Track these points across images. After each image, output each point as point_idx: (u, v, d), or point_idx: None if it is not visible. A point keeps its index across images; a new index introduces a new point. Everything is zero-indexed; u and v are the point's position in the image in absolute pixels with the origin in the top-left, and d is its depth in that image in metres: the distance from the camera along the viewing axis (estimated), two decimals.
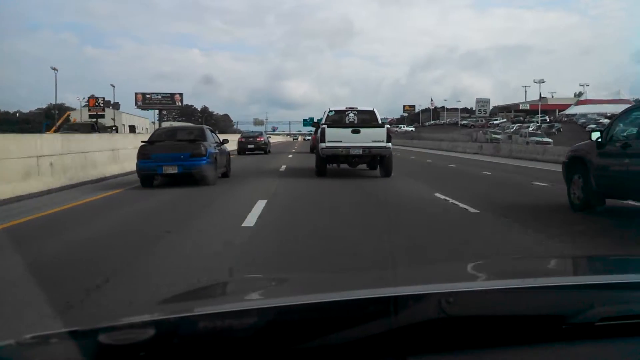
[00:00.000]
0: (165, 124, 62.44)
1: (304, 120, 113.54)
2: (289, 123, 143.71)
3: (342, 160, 13.39)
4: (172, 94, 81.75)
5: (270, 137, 40.97)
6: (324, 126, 13.00)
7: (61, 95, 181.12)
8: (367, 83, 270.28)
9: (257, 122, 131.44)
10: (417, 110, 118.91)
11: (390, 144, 12.73)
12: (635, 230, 6.07)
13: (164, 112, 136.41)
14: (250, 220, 6.26)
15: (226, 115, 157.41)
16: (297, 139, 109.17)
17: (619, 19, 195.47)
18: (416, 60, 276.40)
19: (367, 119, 13.86)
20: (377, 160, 13.35)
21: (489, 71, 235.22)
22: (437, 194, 9.16)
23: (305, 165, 19.15)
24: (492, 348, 0.96)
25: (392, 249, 4.68)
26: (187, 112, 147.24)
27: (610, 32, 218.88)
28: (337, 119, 13.91)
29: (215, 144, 11.83)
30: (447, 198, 8.56)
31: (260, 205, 7.53)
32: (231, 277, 3.85)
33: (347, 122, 13.75)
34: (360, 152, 12.60)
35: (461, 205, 7.75)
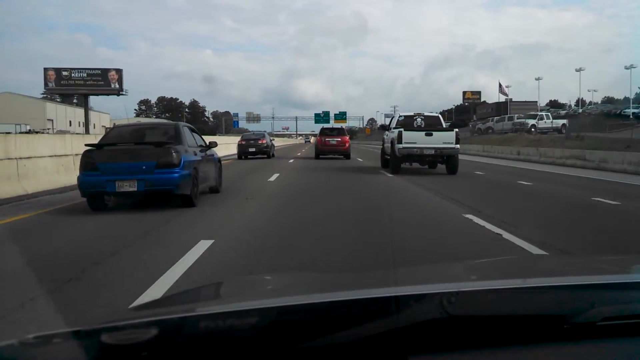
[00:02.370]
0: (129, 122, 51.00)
1: (316, 115, 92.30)
2: (296, 119, 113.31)
3: (416, 159, 15.17)
4: (105, 70, 54.15)
5: (274, 139, 36.78)
6: (400, 129, 14.70)
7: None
8: (381, 82, 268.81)
9: (253, 118, 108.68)
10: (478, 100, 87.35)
11: (458, 145, 14.66)
12: None
13: (145, 108, 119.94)
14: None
15: (227, 113, 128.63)
16: (309, 140, 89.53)
17: (637, 17, 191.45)
18: (431, 60, 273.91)
19: (433, 123, 16.17)
20: (441, 160, 15.15)
21: (505, 70, 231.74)
22: None
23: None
24: (493, 348, 0.96)
25: None
26: (171, 107, 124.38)
27: (627, 31, 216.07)
28: (407, 122, 16.09)
29: (198, 149, 8.97)
30: None
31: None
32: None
33: (415, 125, 15.86)
34: (433, 152, 14.50)
35: None
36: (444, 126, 16.36)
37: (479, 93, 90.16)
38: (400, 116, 17.22)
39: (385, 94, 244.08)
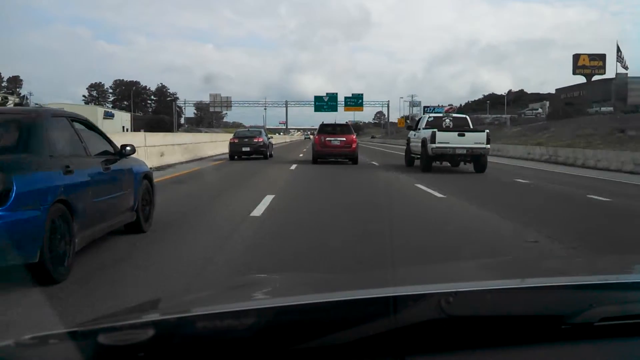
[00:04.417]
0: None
1: (317, 99, 62.96)
2: (285, 104, 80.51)
3: (447, 158, 15.92)
4: None
5: (272, 137, 32.87)
6: (434, 130, 15.40)
7: (73, 89, 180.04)
8: (383, 77, 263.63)
9: (220, 103, 75.85)
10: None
11: (489, 145, 15.47)
12: None
13: (97, 95, 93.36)
14: None
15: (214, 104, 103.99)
16: (309, 136, 70.28)
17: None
18: (433, 55, 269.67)
19: (461, 124, 17.03)
20: (469, 160, 15.80)
21: (509, 66, 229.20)
22: None
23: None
24: (491, 348, 0.96)
25: None
26: (129, 93, 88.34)
27: (631, 27, 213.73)
28: (436, 123, 16.85)
29: (91, 160, 4.89)
30: None
31: None
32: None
33: (444, 126, 16.55)
34: (465, 152, 15.21)
35: None
36: (471, 126, 17.52)
37: (601, 57, 50.35)
38: (429, 117, 18.09)
39: (388, 90, 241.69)
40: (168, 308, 1.26)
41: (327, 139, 19.40)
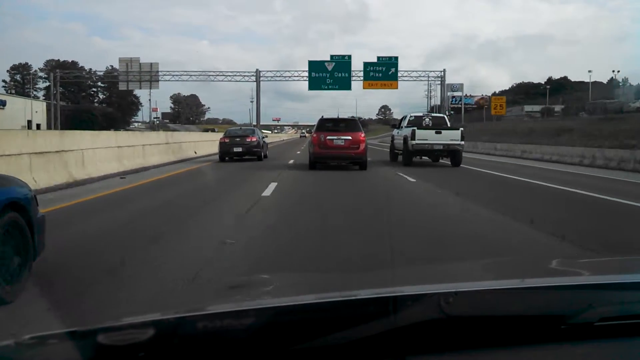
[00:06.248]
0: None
1: (312, 65, 40.28)
2: (256, 73, 47.82)
3: (426, 154, 17.69)
4: None
5: (266, 136, 29.36)
6: (414, 128, 17.00)
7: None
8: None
9: (137, 75, 46.81)
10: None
11: (463, 142, 16.99)
12: None
13: (22, 79, 66.19)
14: None
15: (194, 97, 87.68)
16: (305, 135, 62.13)
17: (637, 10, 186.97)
18: (431, 52, 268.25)
19: (439, 123, 18.81)
20: (446, 155, 17.52)
21: (507, 63, 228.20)
22: None
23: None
24: (491, 348, 0.96)
25: None
26: (70, 79, 63.38)
27: (628, 23, 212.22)
28: (417, 122, 18.57)
29: None
30: None
31: None
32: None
33: (424, 124, 18.28)
34: (441, 147, 16.83)
35: None
36: (449, 125, 19.12)
37: None
38: (410, 116, 19.51)
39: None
40: (168, 308, 1.26)
41: (328, 137, 15.31)
